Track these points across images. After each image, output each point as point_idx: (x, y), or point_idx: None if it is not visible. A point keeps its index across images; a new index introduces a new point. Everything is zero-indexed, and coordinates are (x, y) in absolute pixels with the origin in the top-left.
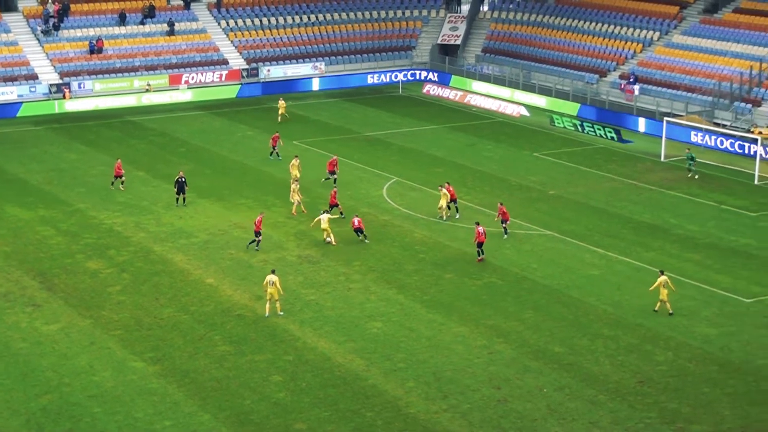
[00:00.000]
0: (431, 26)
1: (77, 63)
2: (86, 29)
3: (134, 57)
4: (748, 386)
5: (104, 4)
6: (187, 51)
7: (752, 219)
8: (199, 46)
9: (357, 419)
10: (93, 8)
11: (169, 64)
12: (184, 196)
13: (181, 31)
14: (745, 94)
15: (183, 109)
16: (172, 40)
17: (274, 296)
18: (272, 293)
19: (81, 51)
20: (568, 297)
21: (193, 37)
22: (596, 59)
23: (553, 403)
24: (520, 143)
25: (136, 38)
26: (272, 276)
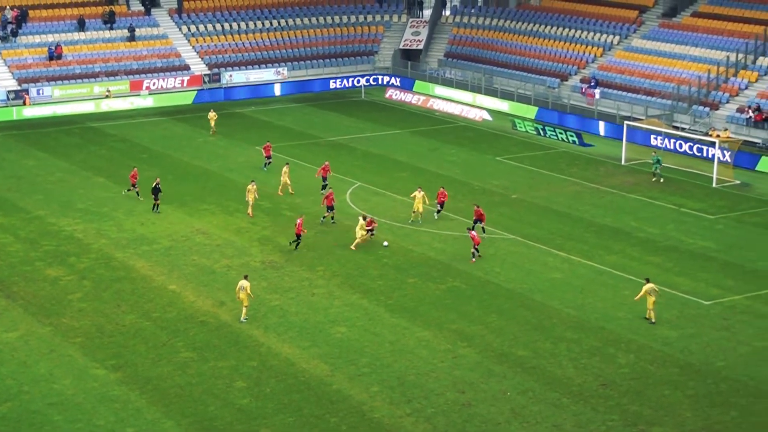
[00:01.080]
0: (393, 31)
1: (36, 69)
2: (45, 35)
3: (94, 63)
4: (708, 388)
5: (63, 10)
6: (148, 57)
7: (710, 222)
8: (161, 51)
9: (321, 425)
10: (52, 14)
11: (130, 69)
12: (156, 202)
13: (141, 37)
14: (704, 97)
15: (144, 115)
16: (133, 46)
17: (244, 302)
18: (243, 298)
19: (40, 57)
20: (531, 300)
21: (154, 43)
22: (557, 63)
23: (517, 407)
24: (482, 147)
25: (96, 44)
26: (244, 281)
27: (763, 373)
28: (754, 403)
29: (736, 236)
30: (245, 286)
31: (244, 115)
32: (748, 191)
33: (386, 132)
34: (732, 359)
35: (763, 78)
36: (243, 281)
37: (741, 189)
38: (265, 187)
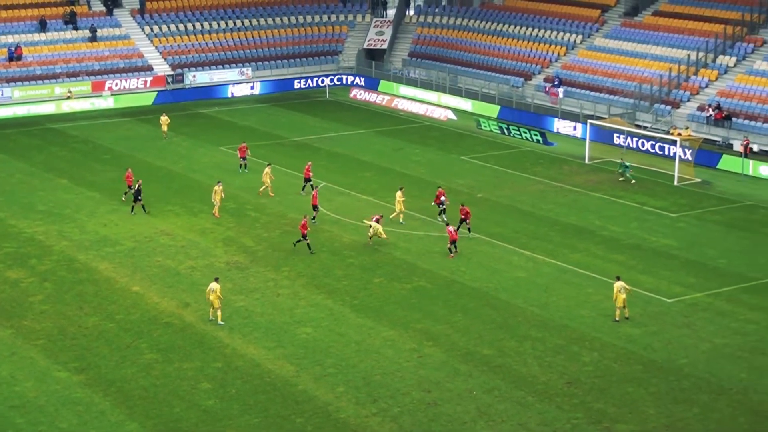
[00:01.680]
0: (357, 31)
1: None
2: (4, 36)
3: (55, 64)
4: (671, 385)
5: (23, 11)
6: (110, 57)
7: (672, 220)
8: (123, 52)
9: (287, 425)
10: (11, 15)
11: (92, 70)
12: (134, 204)
13: (103, 38)
14: (665, 96)
15: (106, 116)
16: (95, 47)
17: (215, 304)
18: (213, 301)
19: (0, 58)
20: (496, 299)
21: (116, 44)
22: (521, 63)
23: (483, 406)
24: (447, 147)
25: (57, 45)
26: (213, 284)
27: (724, 370)
28: (716, 399)
29: (698, 234)
30: (215, 288)
31: (208, 115)
32: (709, 189)
33: (351, 132)
34: (694, 356)
35: (723, 76)
36: (213, 284)
37: (702, 187)
38: (229, 188)
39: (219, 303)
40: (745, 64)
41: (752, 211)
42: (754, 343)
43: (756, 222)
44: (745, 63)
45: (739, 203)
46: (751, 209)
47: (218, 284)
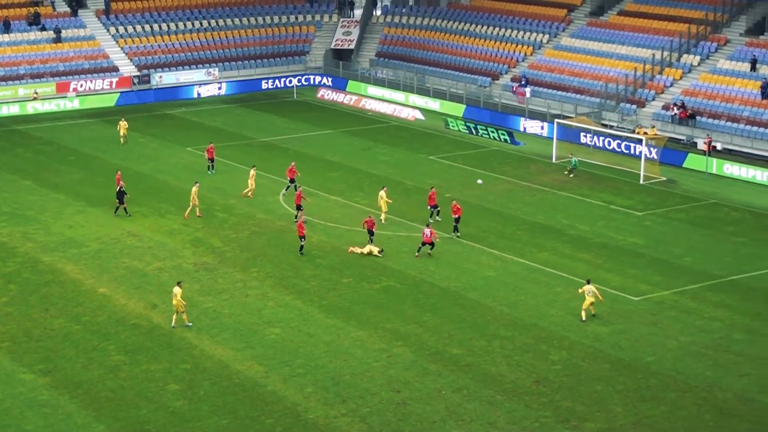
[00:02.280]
0: (324, 31)
1: None
2: None
3: (19, 65)
4: (638, 383)
5: None
6: (75, 58)
7: (639, 218)
8: (88, 53)
9: (256, 426)
10: None
11: (57, 71)
12: (118, 205)
13: (68, 38)
14: (630, 95)
15: (71, 117)
16: (59, 48)
17: (178, 309)
18: (176, 306)
19: None
20: (465, 299)
21: (81, 44)
22: (488, 62)
23: (452, 405)
24: (415, 147)
25: (20, 46)
26: (176, 288)
27: (690, 367)
28: (682, 397)
29: (663, 232)
30: (175, 292)
31: (175, 116)
32: (674, 188)
33: (319, 132)
34: (660, 354)
35: (687, 75)
36: (175, 288)
37: (667, 186)
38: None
39: (183, 307)
40: (708, 63)
41: (716, 209)
42: (718, 340)
43: (719, 220)
44: (708, 62)
45: (703, 201)
46: (715, 207)
47: (180, 288)
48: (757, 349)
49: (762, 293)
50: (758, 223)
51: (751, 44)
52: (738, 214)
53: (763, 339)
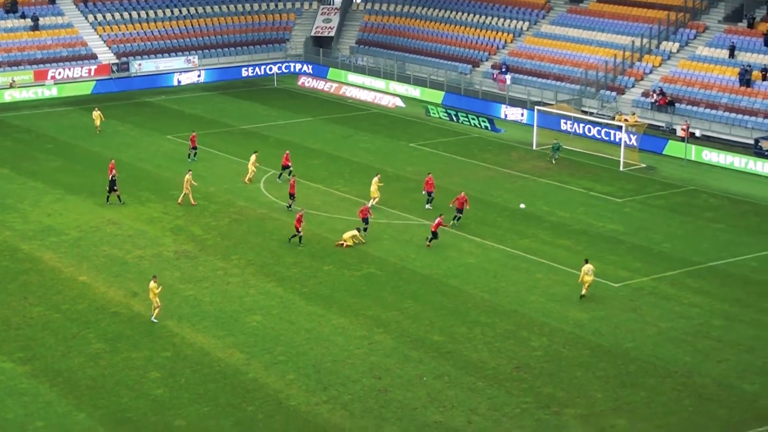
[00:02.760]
0: (304, 18)
1: None
2: None
3: None
4: (618, 369)
5: None
6: (52, 46)
7: (618, 205)
8: (66, 41)
9: (238, 413)
10: None
11: (34, 59)
12: (109, 194)
13: (46, 26)
14: (610, 82)
15: (49, 105)
16: (37, 36)
17: (153, 303)
18: (151, 299)
19: None
20: (446, 286)
21: (58, 32)
22: (469, 50)
23: (433, 392)
24: (396, 134)
25: None
26: (151, 282)
27: (669, 353)
28: (662, 382)
29: (643, 219)
30: (151, 287)
31: (154, 104)
32: (654, 174)
33: (299, 120)
34: (640, 340)
35: (667, 62)
36: (151, 282)
37: (647, 172)
38: (179, 177)
39: (156, 302)
40: (687, 49)
41: (694, 196)
42: (697, 326)
43: (698, 207)
44: (687, 49)
45: (682, 188)
46: (694, 194)
47: (155, 282)
48: (735, 335)
49: (740, 279)
50: (736, 210)
51: (729, 31)
52: (716, 201)
53: (741, 325)
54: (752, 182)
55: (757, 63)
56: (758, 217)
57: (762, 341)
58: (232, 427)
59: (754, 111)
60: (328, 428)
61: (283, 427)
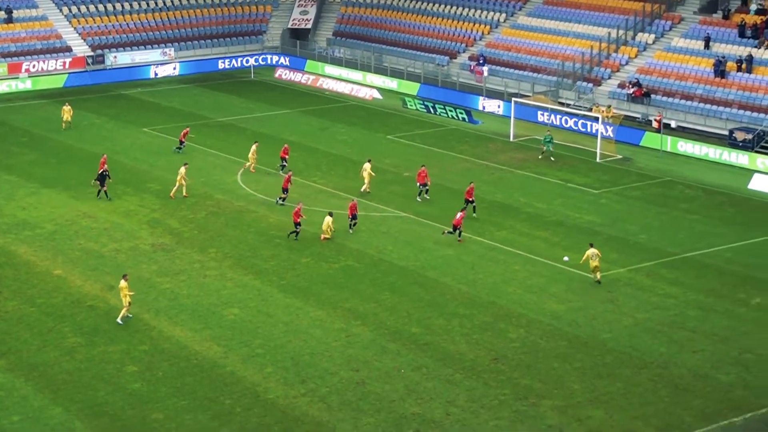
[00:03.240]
0: (281, 10)
1: None
2: None
3: None
4: (595, 360)
5: None
6: (27, 39)
7: (595, 196)
8: (40, 33)
9: (215, 407)
10: None
11: (8, 52)
12: (100, 189)
13: (20, 19)
14: (587, 73)
15: (24, 98)
16: (11, 28)
17: (123, 301)
18: (121, 298)
19: None
20: (424, 278)
21: (33, 25)
22: (446, 41)
23: (411, 384)
24: (373, 126)
25: None
26: (121, 281)
27: (646, 344)
28: (638, 373)
29: (619, 210)
30: (121, 286)
31: (130, 96)
32: (630, 166)
33: (276, 112)
34: (617, 331)
35: (642, 54)
36: (121, 281)
37: (623, 164)
38: (154, 170)
39: (126, 301)
40: (663, 41)
41: (670, 187)
42: (672, 317)
43: (673, 198)
44: (663, 40)
45: (658, 179)
46: (670, 185)
47: (125, 281)
48: (710, 326)
49: (715, 270)
50: (711, 201)
51: (704, 22)
52: (692, 192)
53: (716, 315)
54: (727, 173)
55: (732, 54)
56: (733, 207)
57: (736, 332)
58: (209, 420)
59: (729, 102)
60: (306, 421)
61: (261, 420)
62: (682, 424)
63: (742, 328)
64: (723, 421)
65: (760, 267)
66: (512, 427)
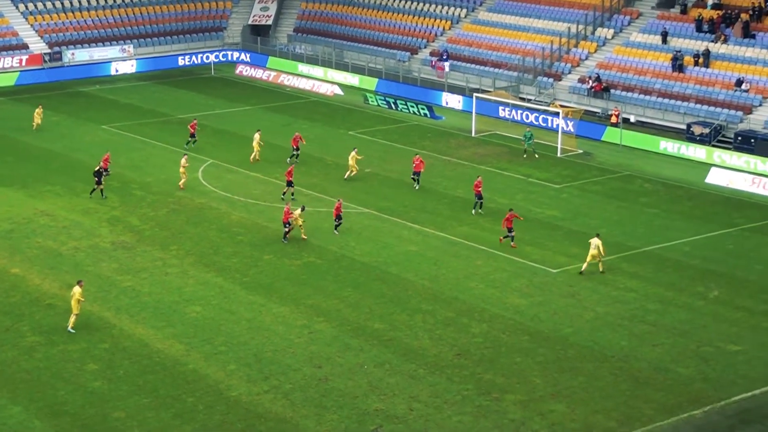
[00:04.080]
0: (241, 6)
1: None
2: None
3: None
4: (557, 354)
5: None
6: None
7: (556, 191)
8: None
9: (178, 405)
10: None
11: None
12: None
13: None
14: (547, 68)
15: None
16: None
17: (74, 309)
18: (72, 306)
19: None
20: (386, 273)
21: None
22: (407, 37)
23: (374, 380)
24: (335, 122)
25: None
26: (75, 287)
27: (607, 338)
28: (599, 367)
29: (580, 204)
30: (75, 292)
31: (89, 94)
32: (590, 160)
33: (238, 108)
34: (578, 325)
35: (602, 48)
36: (75, 287)
37: (584, 158)
38: (113, 167)
39: (77, 309)
40: (622, 36)
41: (629, 181)
42: (633, 311)
43: (633, 192)
44: (622, 35)
45: (618, 173)
46: (629, 179)
47: (80, 288)
48: (669, 319)
49: (674, 263)
50: (669, 195)
51: (662, 17)
52: (651, 186)
53: (675, 309)
54: (685, 167)
55: (689, 48)
56: (690, 201)
57: (695, 325)
58: (172, 418)
59: (687, 96)
60: (269, 418)
61: (224, 417)
62: (643, 417)
63: (700, 321)
64: (683, 414)
65: (718, 260)
66: (475, 422)
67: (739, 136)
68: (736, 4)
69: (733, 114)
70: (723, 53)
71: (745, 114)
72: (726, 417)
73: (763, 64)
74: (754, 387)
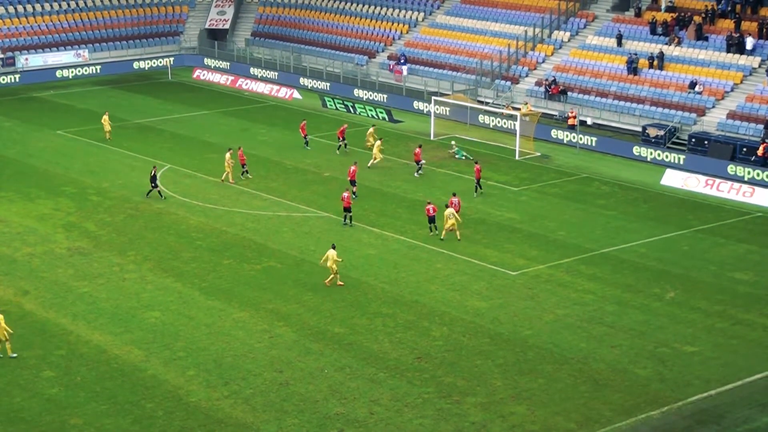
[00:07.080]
0: (198, 11)
1: None
2: None
3: None
4: (517, 356)
5: None
6: None
7: (515, 194)
8: None
9: (136, 411)
10: None
11: None
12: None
13: None
14: (505, 71)
15: None
16: None
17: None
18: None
19: None
20: (346, 277)
21: None
22: (365, 41)
23: (335, 384)
24: (293, 126)
25: None
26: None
27: (566, 340)
28: (559, 369)
29: (539, 207)
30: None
31: (43, 99)
32: (548, 163)
33: (195, 113)
34: (538, 327)
35: (558, 51)
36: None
37: (542, 161)
38: (69, 173)
39: (8, 335)
40: (578, 39)
41: (587, 184)
42: (591, 312)
43: (590, 194)
44: (578, 38)
45: (575, 176)
46: (586, 181)
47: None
48: (627, 321)
49: (631, 265)
50: (626, 197)
51: (617, 20)
52: (608, 188)
53: (632, 310)
54: (641, 169)
55: (644, 51)
56: (647, 203)
57: (652, 326)
58: (130, 425)
59: (642, 99)
60: (230, 423)
61: (184, 423)
62: (602, 418)
63: (657, 322)
64: (641, 414)
65: (674, 262)
66: (436, 425)
67: (693, 138)
68: (689, 7)
69: (687, 116)
70: (677, 56)
71: (698, 116)
72: (683, 417)
73: (716, 66)
74: (710, 387)
